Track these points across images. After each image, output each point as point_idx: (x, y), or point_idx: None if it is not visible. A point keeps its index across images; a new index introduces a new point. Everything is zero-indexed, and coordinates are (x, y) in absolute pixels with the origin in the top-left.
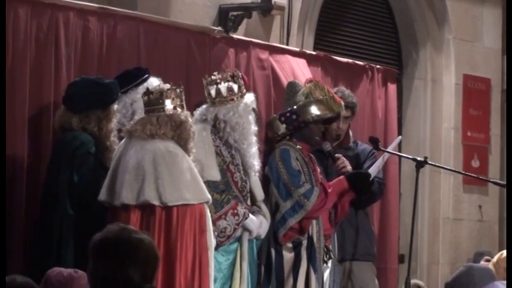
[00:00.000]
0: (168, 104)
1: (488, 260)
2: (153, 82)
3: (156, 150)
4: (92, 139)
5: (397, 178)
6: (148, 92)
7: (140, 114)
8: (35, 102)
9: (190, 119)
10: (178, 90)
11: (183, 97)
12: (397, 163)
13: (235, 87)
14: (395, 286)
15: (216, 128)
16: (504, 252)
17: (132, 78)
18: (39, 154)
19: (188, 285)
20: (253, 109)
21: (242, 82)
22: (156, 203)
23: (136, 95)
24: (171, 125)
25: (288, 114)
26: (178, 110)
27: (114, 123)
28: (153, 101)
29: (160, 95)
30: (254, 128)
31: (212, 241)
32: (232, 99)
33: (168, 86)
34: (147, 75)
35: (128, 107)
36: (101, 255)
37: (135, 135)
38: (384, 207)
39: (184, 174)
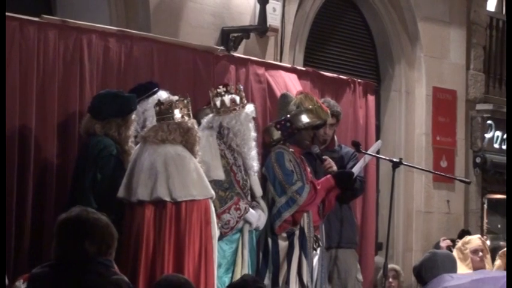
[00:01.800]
0: (177, 113)
1: (449, 240)
2: (162, 94)
3: (167, 153)
4: (113, 143)
5: (375, 177)
6: (159, 103)
7: (151, 121)
8: (63, 112)
9: (196, 126)
10: (185, 101)
11: (190, 107)
12: (375, 164)
13: (237, 98)
14: (372, 270)
15: (221, 134)
16: (469, 237)
17: (144, 90)
18: (66, 156)
19: (195, 270)
20: (253, 118)
21: (244, 94)
22: (167, 199)
23: (148, 105)
24: (179, 132)
25: (282, 122)
26: (186, 118)
27: (132, 131)
28: (164, 110)
29: (170, 105)
30: (254, 134)
31: (216, 232)
32: (235, 109)
33: (176, 97)
34: (156, 89)
35: (140, 115)
36: (63, 232)
37: (149, 140)
38: (364, 202)
39: (191, 174)
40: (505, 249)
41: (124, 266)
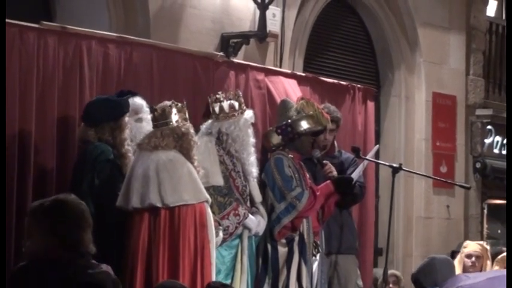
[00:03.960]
0: (172, 119)
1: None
2: (135, 100)
3: (159, 159)
4: (110, 148)
5: (374, 182)
6: (153, 109)
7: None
8: (63, 118)
9: (191, 131)
10: (179, 105)
11: (186, 111)
12: (373, 170)
13: (236, 104)
14: (371, 276)
15: (220, 140)
16: (469, 242)
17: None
18: (66, 162)
19: (192, 274)
20: (252, 123)
21: (242, 100)
22: (159, 205)
23: None
24: (173, 137)
25: (283, 127)
26: (181, 123)
27: (126, 134)
28: (158, 117)
29: (163, 111)
30: (253, 140)
31: (213, 235)
32: (234, 115)
33: (169, 102)
34: (127, 96)
35: None
36: (40, 221)
37: (143, 148)
38: (362, 207)
39: (183, 179)
40: (503, 254)
41: (123, 273)
